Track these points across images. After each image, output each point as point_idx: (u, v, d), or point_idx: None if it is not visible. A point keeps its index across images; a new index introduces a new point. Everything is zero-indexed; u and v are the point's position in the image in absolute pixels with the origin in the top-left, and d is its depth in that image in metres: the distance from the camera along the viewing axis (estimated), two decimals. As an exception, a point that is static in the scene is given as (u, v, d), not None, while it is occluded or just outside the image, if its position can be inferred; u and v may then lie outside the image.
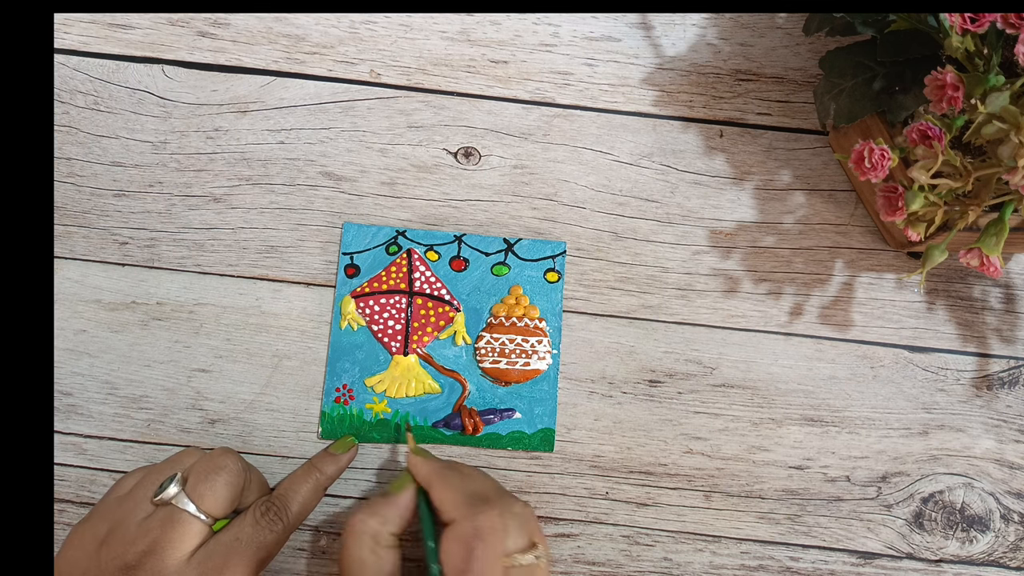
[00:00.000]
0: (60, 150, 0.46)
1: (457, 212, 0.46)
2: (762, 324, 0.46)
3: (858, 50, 0.42)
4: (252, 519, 0.36)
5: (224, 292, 0.44)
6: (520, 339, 0.44)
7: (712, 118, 0.48)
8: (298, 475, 0.39)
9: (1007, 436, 0.45)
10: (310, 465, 0.39)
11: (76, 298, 0.44)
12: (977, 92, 0.34)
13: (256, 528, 0.35)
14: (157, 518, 0.34)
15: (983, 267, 0.37)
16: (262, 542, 0.35)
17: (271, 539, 0.36)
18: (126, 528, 0.34)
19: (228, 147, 0.46)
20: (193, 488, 0.35)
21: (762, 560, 0.43)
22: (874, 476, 0.44)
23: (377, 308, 0.44)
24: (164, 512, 0.34)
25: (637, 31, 0.49)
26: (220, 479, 0.36)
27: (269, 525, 0.36)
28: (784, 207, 0.47)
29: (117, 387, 0.43)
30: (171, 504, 0.34)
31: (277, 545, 0.36)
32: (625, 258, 0.46)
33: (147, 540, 0.33)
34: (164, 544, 0.33)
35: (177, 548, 0.34)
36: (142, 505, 0.35)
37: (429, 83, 0.48)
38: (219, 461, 0.36)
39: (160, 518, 0.34)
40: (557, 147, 0.47)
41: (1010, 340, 0.46)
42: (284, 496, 0.37)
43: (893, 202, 0.37)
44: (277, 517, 0.36)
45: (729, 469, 0.44)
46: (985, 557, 0.44)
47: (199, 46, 0.47)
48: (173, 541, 0.34)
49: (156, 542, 0.33)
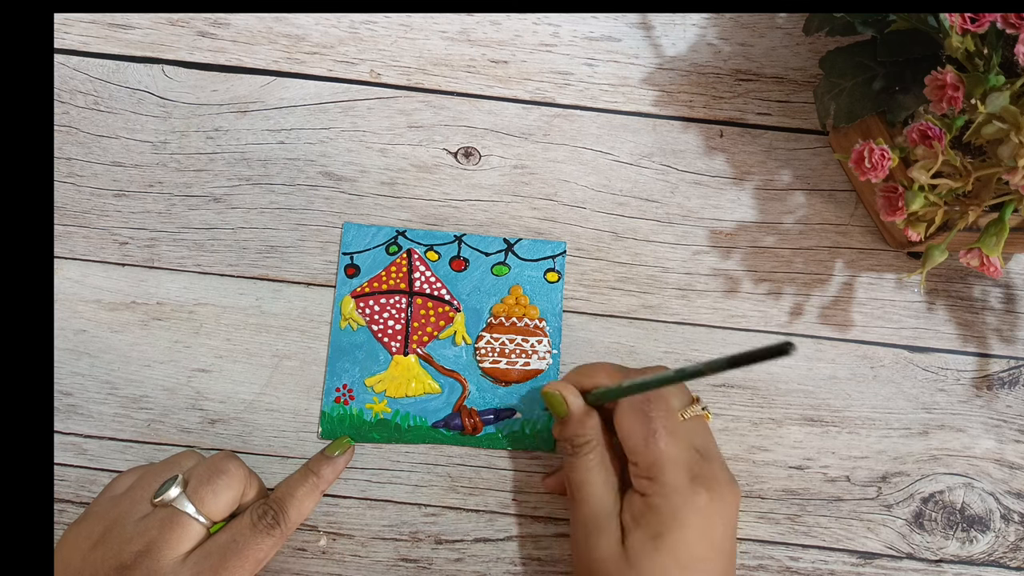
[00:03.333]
0: (60, 150, 0.46)
1: (457, 212, 0.46)
2: (762, 324, 0.46)
3: (858, 50, 0.42)
4: (249, 522, 0.36)
5: (224, 292, 0.44)
6: (520, 339, 0.44)
7: (712, 118, 0.48)
8: (295, 478, 0.39)
9: (1007, 436, 0.45)
10: (307, 469, 0.39)
11: (76, 298, 0.44)
12: (977, 92, 0.34)
13: (253, 531, 0.35)
14: (156, 518, 0.34)
15: (983, 267, 0.37)
16: (259, 545, 0.35)
17: (268, 542, 0.35)
18: (122, 527, 0.34)
19: (228, 147, 0.46)
20: (195, 491, 0.35)
21: (762, 560, 0.43)
22: (874, 476, 0.44)
23: (377, 308, 0.44)
24: (163, 513, 0.34)
25: (637, 31, 0.49)
26: (222, 483, 0.36)
27: (266, 529, 0.36)
28: (784, 207, 0.47)
29: (117, 387, 0.43)
30: (171, 505, 0.34)
31: (273, 548, 0.36)
32: (625, 258, 0.46)
33: (144, 540, 0.33)
34: (161, 545, 0.33)
35: (174, 549, 0.34)
36: (140, 505, 0.35)
37: (429, 83, 0.48)
38: (222, 465, 0.36)
39: (159, 519, 0.34)
40: (557, 147, 0.47)
41: (1010, 340, 0.46)
42: (281, 500, 0.37)
43: (893, 202, 0.37)
44: (274, 520, 0.36)
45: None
46: (985, 557, 0.44)
47: (199, 46, 0.47)
48: (170, 542, 0.34)
49: (153, 542, 0.33)
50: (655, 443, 0.35)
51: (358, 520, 0.42)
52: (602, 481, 0.36)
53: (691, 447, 0.35)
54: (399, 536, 0.42)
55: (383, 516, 0.42)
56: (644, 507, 0.34)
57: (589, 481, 0.36)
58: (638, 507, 0.35)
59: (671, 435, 0.35)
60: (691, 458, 0.35)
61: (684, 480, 0.34)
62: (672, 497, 0.34)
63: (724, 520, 0.35)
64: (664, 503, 0.34)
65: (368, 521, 0.42)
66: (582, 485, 0.36)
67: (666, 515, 0.34)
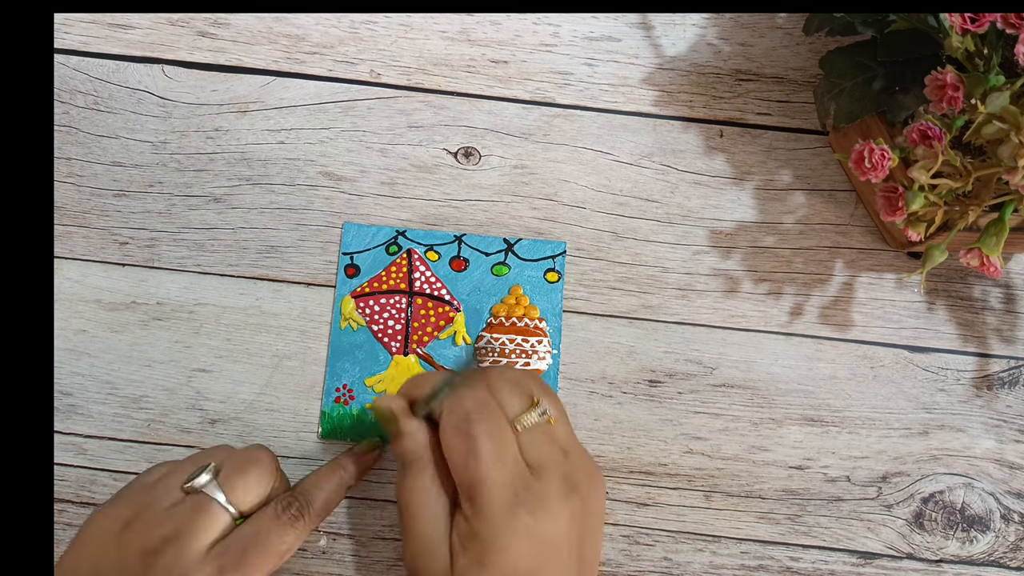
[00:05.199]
0: (60, 150, 0.46)
1: (457, 212, 0.46)
2: (762, 324, 0.46)
3: (858, 50, 0.42)
4: (273, 513, 0.35)
5: (224, 292, 0.44)
6: (520, 339, 0.44)
7: (712, 118, 0.48)
8: (323, 472, 0.38)
9: (1007, 436, 0.45)
10: (335, 463, 0.39)
11: (76, 298, 0.44)
12: (977, 92, 0.34)
13: (276, 522, 0.35)
14: (185, 505, 0.34)
15: (983, 267, 0.37)
16: (282, 537, 0.35)
17: (291, 535, 0.35)
18: (152, 512, 0.34)
19: (228, 147, 0.46)
20: (226, 478, 0.35)
21: (762, 560, 0.43)
22: (874, 476, 0.44)
23: (377, 308, 0.44)
24: (193, 500, 0.34)
25: (637, 31, 0.49)
26: (254, 473, 0.35)
27: (290, 520, 0.35)
28: (784, 207, 0.47)
29: (117, 387, 0.43)
30: (201, 492, 0.34)
31: (297, 540, 0.35)
32: (625, 258, 0.46)
33: (171, 525, 0.33)
34: (188, 531, 0.33)
35: (200, 538, 0.33)
36: (171, 492, 0.35)
37: (429, 83, 0.48)
38: (255, 455, 0.36)
39: (188, 505, 0.34)
40: (557, 147, 0.47)
41: (1010, 340, 0.46)
42: (308, 492, 0.37)
43: (893, 202, 0.37)
44: (299, 512, 0.36)
45: (729, 469, 0.44)
46: (985, 557, 0.44)
47: (199, 46, 0.47)
48: (197, 530, 0.33)
49: (180, 528, 0.33)
50: (474, 463, 0.32)
51: (358, 520, 0.42)
52: (431, 502, 0.33)
53: (519, 464, 0.33)
54: (399, 536, 0.42)
55: (383, 516, 0.42)
56: (468, 531, 0.32)
57: (416, 503, 0.33)
58: (463, 531, 0.32)
59: (494, 454, 0.32)
60: (517, 477, 0.32)
61: (505, 503, 0.31)
62: (491, 522, 0.31)
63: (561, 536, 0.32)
64: (483, 527, 0.31)
65: (368, 521, 0.42)
66: (409, 505, 0.34)
67: (487, 540, 0.31)
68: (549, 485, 0.33)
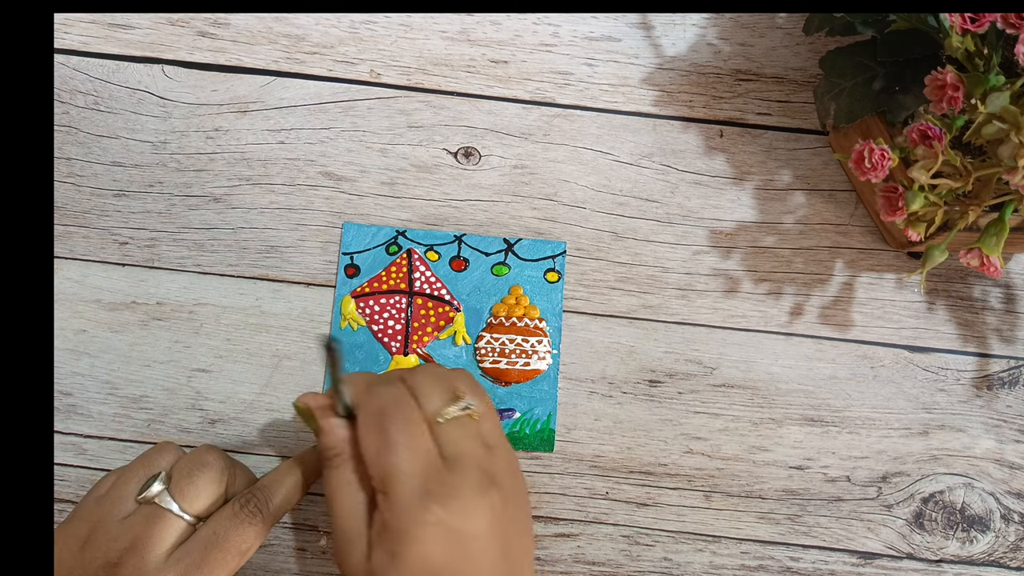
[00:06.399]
0: (60, 150, 0.46)
1: (457, 212, 0.46)
2: (762, 324, 0.46)
3: (858, 50, 0.42)
4: (231, 511, 0.35)
5: (224, 292, 0.44)
6: (520, 339, 0.44)
7: (712, 118, 0.48)
8: (282, 468, 0.38)
9: (1007, 436, 0.45)
10: (296, 459, 0.39)
11: (76, 298, 0.44)
12: (977, 92, 0.34)
13: (234, 520, 0.35)
14: (140, 515, 0.34)
15: (983, 267, 0.37)
16: (240, 535, 0.35)
17: (250, 532, 0.35)
18: (108, 527, 0.34)
19: (228, 147, 0.46)
20: (176, 486, 0.35)
21: (762, 560, 0.43)
22: (874, 476, 0.44)
23: (377, 308, 0.44)
24: (147, 510, 0.34)
25: (637, 31, 0.49)
26: (203, 477, 0.35)
27: (248, 518, 0.35)
28: (784, 207, 0.47)
29: (117, 387, 0.43)
30: (154, 502, 0.35)
31: (258, 537, 0.35)
32: (625, 258, 0.46)
33: (129, 537, 0.34)
34: (146, 541, 0.33)
35: (158, 546, 0.34)
36: (124, 503, 0.35)
37: (429, 83, 0.48)
38: (203, 458, 0.36)
39: (143, 515, 0.34)
40: (557, 147, 0.47)
41: (1010, 340, 0.46)
42: (267, 488, 0.37)
43: (893, 202, 0.37)
44: (256, 509, 0.36)
45: (729, 469, 0.44)
46: (985, 557, 0.44)
47: (199, 46, 0.47)
48: (154, 538, 0.34)
49: (138, 539, 0.33)
50: (386, 455, 0.32)
51: (358, 520, 0.42)
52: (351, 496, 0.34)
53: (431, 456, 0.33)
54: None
55: (383, 516, 0.42)
56: (382, 524, 0.32)
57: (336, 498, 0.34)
58: (378, 523, 0.32)
59: (405, 446, 0.32)
60: (429, 468, 0.32)
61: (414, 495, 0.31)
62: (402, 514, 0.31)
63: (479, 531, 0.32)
64: (395, 519, 0.31)
65: (368, 521, 0.42)
66: (331, 499, 0.34)
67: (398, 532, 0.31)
68: (463, 478, 0.32)
